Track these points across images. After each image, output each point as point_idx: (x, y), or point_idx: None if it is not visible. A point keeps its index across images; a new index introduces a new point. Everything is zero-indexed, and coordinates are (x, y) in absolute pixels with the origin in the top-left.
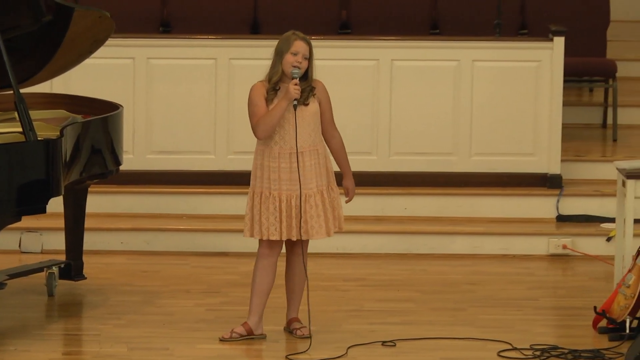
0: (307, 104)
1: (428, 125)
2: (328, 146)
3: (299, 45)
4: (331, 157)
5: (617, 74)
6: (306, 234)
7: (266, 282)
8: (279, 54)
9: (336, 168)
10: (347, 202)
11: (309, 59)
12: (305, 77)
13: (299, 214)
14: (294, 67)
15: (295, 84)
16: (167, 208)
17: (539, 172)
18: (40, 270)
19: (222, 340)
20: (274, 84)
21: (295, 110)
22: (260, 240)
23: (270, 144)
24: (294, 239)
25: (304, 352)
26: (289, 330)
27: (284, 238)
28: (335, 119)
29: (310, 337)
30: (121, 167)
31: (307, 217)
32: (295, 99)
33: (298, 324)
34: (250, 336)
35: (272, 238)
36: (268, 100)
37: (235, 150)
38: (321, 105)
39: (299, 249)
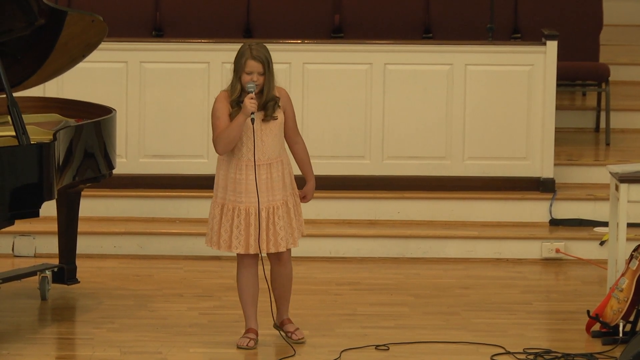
0: (275, 117)
1: (421, 129)
2: (292, 151)
3: (252, 66)
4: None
5: (610, 78)
6: (275, 246)
7: (252, 290)
8: (236, 72)
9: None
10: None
11: (266, 72)
12: (263, 90)
13: (266, 226)
14: (249, 83)
15: (251, 98)
16: (160, 212)
17: (532, 176)
18: (33, 274)
19: (240, 347)
20: (236, 98)
21: (253, 124)
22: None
23: (237, 155)
24: (264, 253)
25: (291, 356)
26: (284, 331)
27: (252, 252)
28: (328, 123)
29: (290, 342)
30: (114, 171)
31: (276, 229)
32: (252, 112)
33: (292, 327)
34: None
35: (235, 251)
36: (232, 116)
37: None
38: (285, 113)
39: (286, 259)
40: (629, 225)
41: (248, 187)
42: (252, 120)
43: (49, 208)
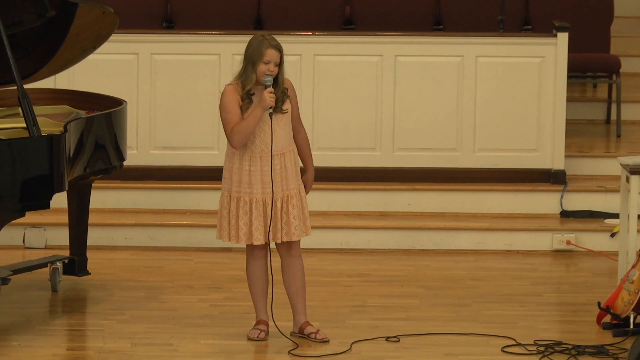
0: (286, 111)
1: (432, 121)
2: (294, 140)
3: (271, 54)
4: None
5: (621, 70)
6: (288, 235)
7: (261, 281)
8: (250, 62)
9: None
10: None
11: (281, 63)
12: (276, 82)
13: (280, 216)
14: (267, 75)
15: (270, 92)
16: (170, 204)
17: (543, 167)
18: (44, 265)
19: (250, 339)
20: (247, 91)
21: (271, 117)
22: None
23: (250, 147)
24: (277, 241)
25: (291, 350)
26: (304, 335)
27: (270, 241)
28: (339, 115)
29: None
30: (125, 163)
31: (290, 218)
32: (270, 107)
33: (313, 328)
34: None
35: (257, 243)
36: (244, 109)
37: None
38: (291, 103)
39: (297, 250)
40: None
41: (263, 179)
42: (271, 114)
43: (59, 200)
